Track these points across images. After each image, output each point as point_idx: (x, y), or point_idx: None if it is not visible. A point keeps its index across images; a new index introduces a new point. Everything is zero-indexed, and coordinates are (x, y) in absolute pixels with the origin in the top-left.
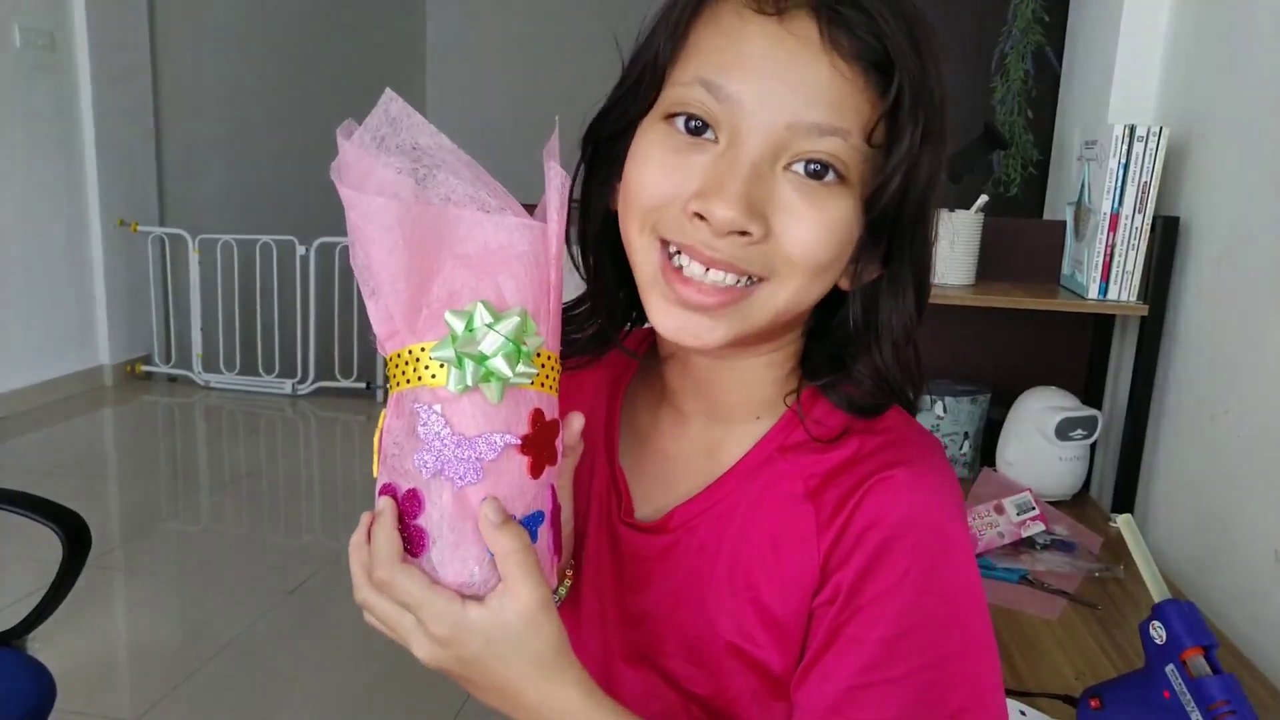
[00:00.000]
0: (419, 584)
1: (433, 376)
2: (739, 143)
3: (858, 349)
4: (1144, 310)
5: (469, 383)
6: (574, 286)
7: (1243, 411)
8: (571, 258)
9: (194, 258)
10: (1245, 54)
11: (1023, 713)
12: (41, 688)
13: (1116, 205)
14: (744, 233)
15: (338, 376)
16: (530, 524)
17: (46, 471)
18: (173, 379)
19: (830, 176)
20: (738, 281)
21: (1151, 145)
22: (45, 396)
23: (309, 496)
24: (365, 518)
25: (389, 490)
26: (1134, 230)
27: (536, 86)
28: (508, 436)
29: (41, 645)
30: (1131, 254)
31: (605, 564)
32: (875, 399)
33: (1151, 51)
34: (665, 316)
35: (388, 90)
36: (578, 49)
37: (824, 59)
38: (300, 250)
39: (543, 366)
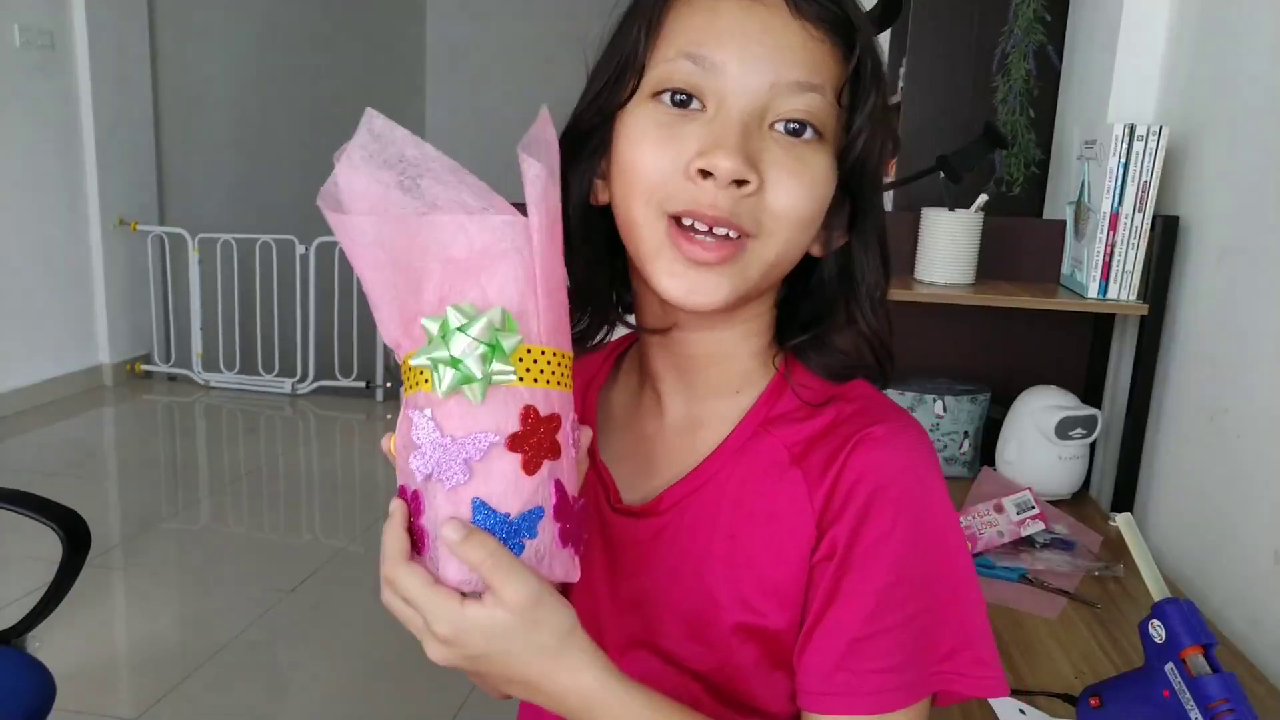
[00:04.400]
0: (419, 582)
1: (425, 381)
2: (727, 105)
3: (835, 315)
4: (1144, 309)
5: (442, 387)
6: None
7: (1242, 412)
8: None
9: (194, 257)
10: (1245, 54)
11: (1022, 711)
12: (41, 687)
13: (1116, 204)
14: (744, 182)
15: (337, 376)
16: (528, 521)
17: (46, 471)
18: (173, 378)
19: (809, 134)
20: (735, 236)
21: (1151, 145)
22: (45, 396)
23: (309, 496)
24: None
25: (402, 492)
26: (1134, 229)
27: (536, 86)
28: (492, 436)
29: (41, 645)
30: (1131, 253)
31: (595, 555)
32: (850, 364)
33: (1151, 51)
34: (672, 278)
35: (368, 109)
36: (578, 49)
37: (795, 24)
38: (300, 250)
39: (521, 361)
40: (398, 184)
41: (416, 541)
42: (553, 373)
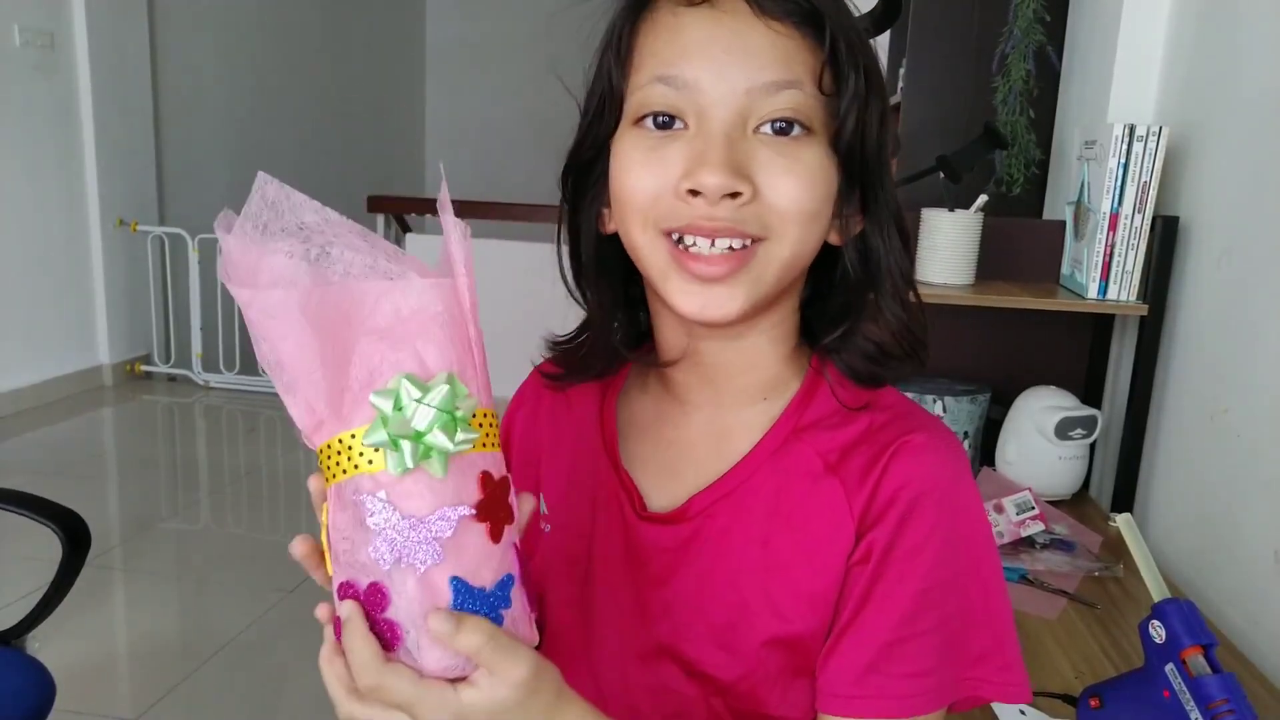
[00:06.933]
0: (408, 681)
1: (369, 463)
2: (707, 119)
3: (862, 306)
4: (1144, 310)
5: (409, 464)
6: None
7: (1242, 411)
8: (568, 288)
9: (194, 257)
10: (1245, 54)
11: (1022, 712)
12: (41, 687)
13: (1116, 205)
14: (736, 194)
15: None
16: (502, 590)
17: (46, 471)
18: (172, 379)
19: (796, 130)
20: (742, 245)
21: (1151, 145)
22: (45, 396)
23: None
24: (328, 632)
25: (349, 589)
26: (1134, 230)
27: (536, 87)
28: (461, 509)
29: (41, 645)
30: (1131, 254)
31: (618, 564)
32: (881, 360)
33: (1151, 51)
34: (685, 296)
35: (260, 174)
36: (578, 50)
37: (759, 25)
38: None
39: (480, 427)
40: (303, 254)
41: (383, 638)
42: (495, 435)
